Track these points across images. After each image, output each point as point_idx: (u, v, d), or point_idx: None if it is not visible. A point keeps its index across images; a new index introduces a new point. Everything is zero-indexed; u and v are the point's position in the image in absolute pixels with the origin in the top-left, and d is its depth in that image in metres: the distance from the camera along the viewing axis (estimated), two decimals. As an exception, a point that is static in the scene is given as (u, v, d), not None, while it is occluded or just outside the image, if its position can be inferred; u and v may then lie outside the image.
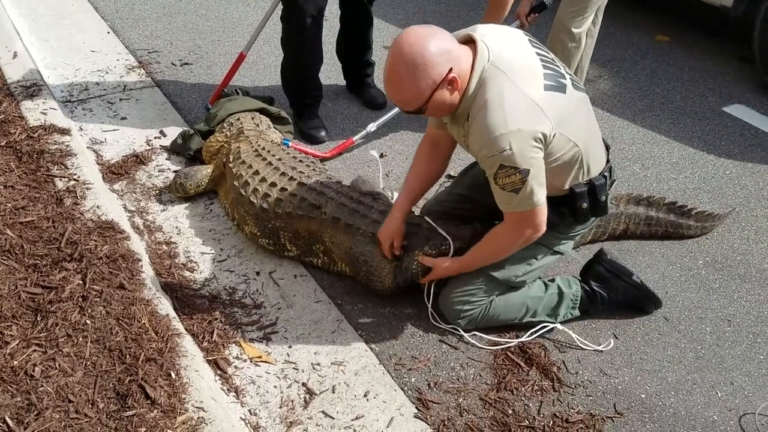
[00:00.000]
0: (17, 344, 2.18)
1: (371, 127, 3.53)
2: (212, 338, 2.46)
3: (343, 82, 4.16)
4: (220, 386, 2.30)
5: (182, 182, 3.13)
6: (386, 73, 2.14)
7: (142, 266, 2.61)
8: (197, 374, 2.21)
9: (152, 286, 2.53)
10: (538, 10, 3.61)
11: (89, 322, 2.28)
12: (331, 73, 4.18)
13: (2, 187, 2.89)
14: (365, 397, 2.31)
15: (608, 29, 4.99)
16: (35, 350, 2.17)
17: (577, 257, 2.85)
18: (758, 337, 2.58)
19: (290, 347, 2.48)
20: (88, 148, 3.48)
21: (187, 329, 2.44)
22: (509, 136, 2.05)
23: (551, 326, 2.54)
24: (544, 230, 2.29)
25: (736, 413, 2.30)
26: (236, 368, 2.39)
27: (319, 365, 2.41)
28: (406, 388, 2.35)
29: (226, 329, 2.51)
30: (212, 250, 2.91)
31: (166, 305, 2.48)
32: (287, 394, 2.31)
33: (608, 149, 2.50)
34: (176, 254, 2.87)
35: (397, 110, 3.53)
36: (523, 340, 2.51)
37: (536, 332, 2.53)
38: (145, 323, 2.32)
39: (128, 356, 2.18)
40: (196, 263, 2.83)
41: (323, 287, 2.74)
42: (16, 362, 2.11)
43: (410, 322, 2.60)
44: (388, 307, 2.65)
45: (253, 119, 3.30)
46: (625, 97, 4.21)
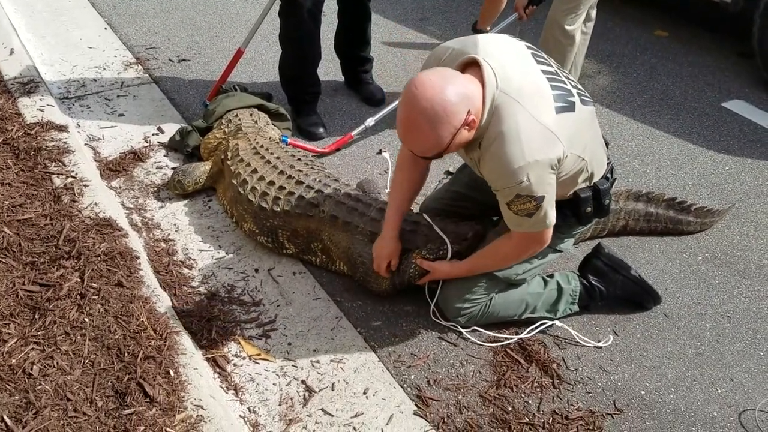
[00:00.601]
0: (15, 342, 2.17)
1: (369, 121, 3.52)
2: (211, 336, 2.45)
3: (341, 78, 4.15)
4: (219, 384, 2.29)
5: (180, 179, 3.12)
6: (405, 125, 2.06)
7: (140, 264, 2.60)
8: (196, 372, 2.20)
9: (150, 283, 2.53)
10: (536, 2, 3.60)
11: (87, 320, 2.28)
12: (329, 69, 4.17)
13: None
14: (365, 394, 2.30)
15: (607, 24, 4.99)
16: (33, 348, 2.16)
17: (576, 253, 2.84)
18: (758, 333, 2.58)
19: (289, 345, 2.48)
20: (85, 145, 3.47)
21: (185, 327, 2.43)
22: (527, 168, 2.03)
23: (550, 323, 2.54)
24: (547, 244, 2.31)
25: (735, 409, 2.30)
26: (235, 366, 2.38)
27: (318, 363, 2.41)
28: (405, 385, 2.35)
29: (224, 327, 2.51)
30: (211, 247, 2.90)
31: (164, 303, 2.47)
32: (286, 391, 2.30)
33: (607, 145, 2.49)
34: (174, 252, 2.86)
35: (395, 105, 3.52)
36: (522, 336, 2.50)
37: (535, 329, 2.53)
38: (143, 321, 2.31)
39: (127, 354, 2.18)
40: (194, 260, 2.82)
41: (322, 284, 2.74)
42: (14, 360, 2.11)
43: (409, 319, 2.59)
44: (387, 304, 2.64)
45: (251, 116, 3.29)
46: (624, 92, 4.20)
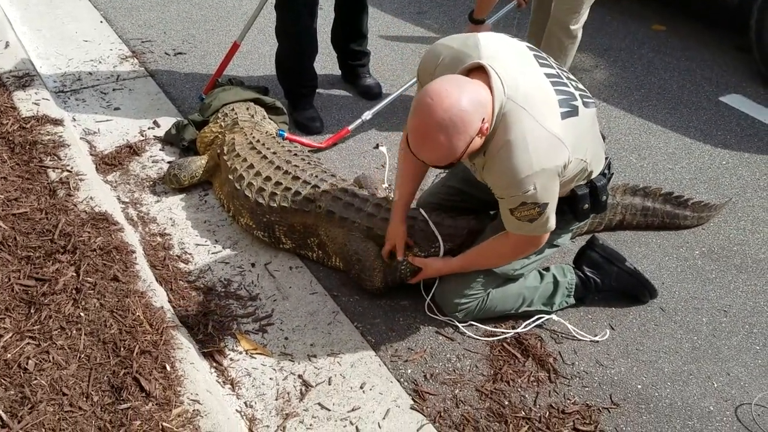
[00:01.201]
0: (10, 337, 2.16)
1: (366, 115, 3.50)
2: (207, 330, 2.44)
3: (338, 72, 4.13)
4: (215, 379, 2.29)
5: (176, 173, 3.11)
6: (420, 137, 2.00)
7: (136, 258, 2.59)
8: (192, 367, 2.20)
9: (146, 278, 2.52)
10: None
11: (83, 314, 2.27)
12: (326, 62, 4.16)
13: (-6, 178, 2.87)
14: (361, 388, 2.30)
15: (604, 19, 4.98)
16: (29, 343, 2.15)
17: (571, 247, 2.84)
18: (754, 327, 2.58)
19: (286, 339, 2.47)
20: (81, 138, 3.45)
21: (181, 321, 2.43)
22: (534, 177, 2.02)
23: (547, 317, 2.54)
24: (543, 245, 2.31)
25: (732, 404, 2.30)
26: (232, 360, 2.38)
27: (315, 357, 2.41)
28: (402, 379, 2.35)
29: (221, 321, 2.50)
30: (207, 241, 2.89)
31: (160, 297, 2.46)
32: (283, 386, 2.30)
33: (604, 139, 2.48)
34: (171, 246, 2.85)
35: (392, 98, 3.51)
36: (519, 331, 2.50)
37: (532, 323, 2.53)
38: (139, 315, 2.30)
39: (123, 349, 2.17)
40: (190, 255, 2.81)
41: (319, 279, 2.73)
42: (9, 355, 2.10)
43: (406, 313, 2.59)
44: (384, 299, 2.64)
45: (247, 110, 3.28)
46: (621, 86, 4.19)
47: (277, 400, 2.25)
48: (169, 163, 3.30)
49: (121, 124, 3.62)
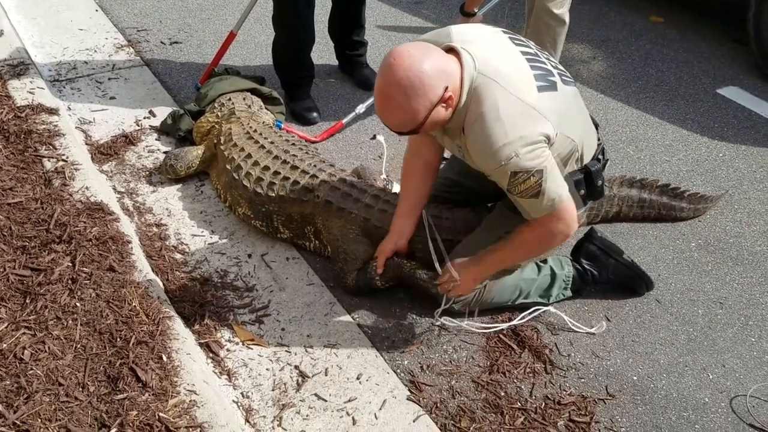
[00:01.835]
0: (6, 327, 2.16)
1: (360, 108, 3.49)
2: (204, 321, 2.44)
3: (335, 62, 4.11)
4: (212, 369, 2.29)
5: (172, 164, 3.09)
6: (379, 97, 2.03)
7: (132, 248, 2.58)
8: (189, 357, 2.20)
9: (143, 268, 2.51)
10: None
11: (79, 304, 2.26)
12: (323, 52, 4.14)
13: (-11, 167, 2.86)
14: (358, 379, 2.30)
15: (602, 10, 4.96)
16: (24, 333, 2.15)
17: (569, 239, 2.83)
18: (750, 319, 2.59)
19: (283, 330, 2.47)
20: (76, 128, 3.43)
21: (178, 312, 2.42)
22: (511, 145, 1.99)
23: (544, 308, 2.54)
24: (576, 226, 2.20)
25: (727, 395, 2.31)
26: (228, 351, 2.37)
27: (311, 348, 2.41)
28: (398, 370, 2.35)
29: (217, 312, 2.50)
30: (203, 232, 2.89)
31: (156, 288, 2.46)
32: (280, 376, 2.30)
33: (597, 127, 2.47)
34: (167, 236, 2.84)
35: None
36: (515, 323, 2.50)
37: (529, 314, 2.52)
38: (135, 306, 2.30)
39: (119, 339, 2.17)
40: (187, 245, 2.81)
41: (316, 270, 2.73)
42: (5, 345, 2.09)
43: (403, 305, 2.59)
44: (380, 290, 2.63)
45: (244, 100, 3.26)
46: (618, 78, 4.19)
47: (273, 390, 2.25)
48: (165, 153, 3.28)
49: (116, 113, 3.60)
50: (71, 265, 2.41)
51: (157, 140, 3.42)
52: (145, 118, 3.57)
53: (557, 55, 3.66)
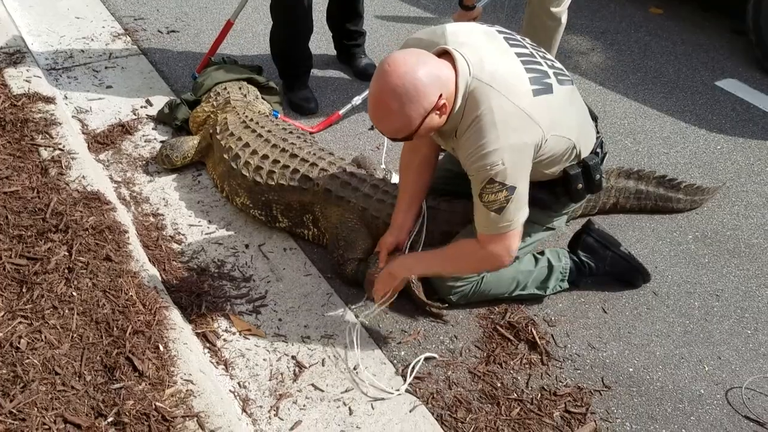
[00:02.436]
0: (2, 316, 2.15)
1: (356, 100, 3.48)
2: (200, 311, 2.44)
3: (333, 52, 4.10)
4: (208, 359, 2.29)
5: (168, 154, 3.08)
6: (373, 104, 2.03)
7: (128, 238, 2.58)
8: (185, 347, 2.19)
9: (139, 258, 2.51)
10: None
11: (75, 294, 2.26)
12: (321, 42, 4.12)
13: (-15, 156, 2.84)
14: (355, 370, 2.30)
15: (602, 1, 4.95)
16: (21, 322, 2.14)
17: (566, 231, 2.84)
18: (746, 312, 2.60)
19: (280, 320, 2.47)
20: (73, 117, 3.42)
21: (175, 302, 2.42)
22: (501, 151, 2.00)
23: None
24: (512, 260, 2.17)
25: (722, 387, 2.32)
26: (225, 341, 2.37)
27: (308, 338, 2.41)
28: (395, 361, 2.35)
29: (214, 302, 2.50)
30: (200, 222, 2.88)
31: (153, 278, 2.45)
32: (276, 367, 2.30)
33: (596, 120, 2.47)
34: (164, 226, 2.83)
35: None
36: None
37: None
38: (132, 296, 2.29)
39: (115, 329, 2.16)
40: (184, 235, 2.80)
41: (313, 261, 2.73)
42: (1, 334, 2.09)
43: (400, 295, 2.58)
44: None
45: (240, 89, 3.25)
46: (617, 70, 4.18)
47: (270, 380, 2.26)
48: (161, 142, 3.27)
49: (113, 102, 3.58)
50: (68, 254, 2.40)
51: (153, 130, 3.40)
52: (141, 107, 3.56)
53: (553, 51, 3.64)
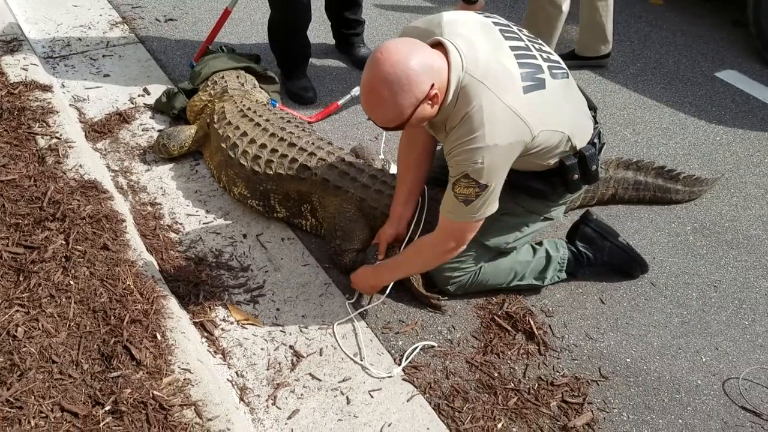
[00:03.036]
0: (-1, 304, 2.15)
1: (355, 91, 3.47)
2: (198, 300, 2.44)
3: (332, 41, 4.08)
4: (206, 348, 2.29)
5: (165, 143, 3.07)
6: (365, 92, 2.01)
7: (126, 227, 2.57)
8: (183, 336, 2.19)
9: (137, 247, 2.50)
10: None
11: (72, 282, 2.25)
12: (319, 31, 4.10)
13: (-18, 144, 2.83)
14: (354, 356, 2.31)
15: (602, -9, 4.91)
16: (18, 310, 2.14)
17: (564, 222, 2.84)
18: (744, 303, 2.60)
19: (278, 310, 2.47)
20: (70, 105, 3.40)
21: (172, 291, 2.42)
22: (484, 150, 2.01)
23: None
24: (464, 247, 2.24)
25: (719, 378, 2.32)
26: (223, 330, 2.37)
27: (306, 328, 2.41)
28: (393, 351, 2.35)
29: (212, 292, 2.49)
30: (198, 211, 2.87)
31: (151, 267, 2.45)
32: (274, 356, 2.30)
33: (595, 110, 2.45)
34: (161, 215, 2.83)
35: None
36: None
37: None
38: (129, 284, 2.29)
39: (113, 317, 2.16)
40: (181, 225, 2.79)
41: (311, 251, 2.72)
42: (-2, 323, 2.09)
43: (398, 286, 2.57)
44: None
45: (237, 78, 3.23)
46: (617, 60, 4.16)
47: (268, 370, 2.26)
48: (159, 131, 3.26)
49: (110, 91, 3.56)
50: (65, 243, 2.39)
51: (151, 118, 3.39)
52: (139, 95, 3.54)
53: (553, 43, 3.63)
